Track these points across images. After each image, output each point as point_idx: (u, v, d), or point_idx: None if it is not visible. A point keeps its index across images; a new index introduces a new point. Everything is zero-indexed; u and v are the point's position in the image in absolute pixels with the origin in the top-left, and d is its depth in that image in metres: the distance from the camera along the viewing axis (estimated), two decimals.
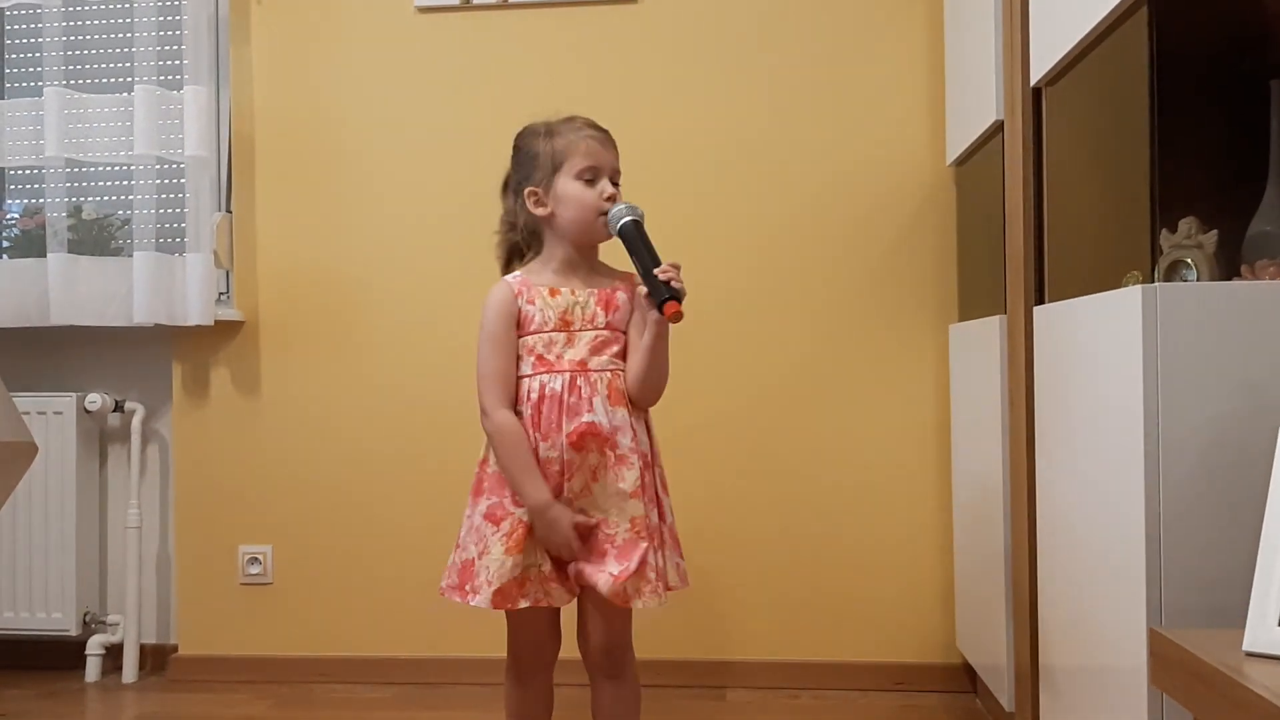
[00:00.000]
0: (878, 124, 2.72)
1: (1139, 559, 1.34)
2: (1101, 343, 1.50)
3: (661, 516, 1.83)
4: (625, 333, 1.84)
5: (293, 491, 2.85)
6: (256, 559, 2.85)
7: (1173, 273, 1.55)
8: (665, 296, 1.72)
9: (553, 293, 1.81)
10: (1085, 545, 1.59)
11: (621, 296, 1.84)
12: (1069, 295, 1.70)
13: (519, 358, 1.80)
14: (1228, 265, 1.56)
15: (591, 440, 1.75)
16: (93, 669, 2.86)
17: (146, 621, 2.92)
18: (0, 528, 2.82)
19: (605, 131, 1.87)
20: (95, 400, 2.84)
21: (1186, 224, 1.55)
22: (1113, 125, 1.79)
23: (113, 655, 2.88)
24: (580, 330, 1.80)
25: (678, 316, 1.73)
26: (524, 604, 1.75)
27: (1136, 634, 1.35)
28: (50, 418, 2.82)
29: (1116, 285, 1.57)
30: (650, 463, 1.83)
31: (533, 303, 1.81)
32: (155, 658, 2.92)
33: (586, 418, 1.75)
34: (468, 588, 1.77)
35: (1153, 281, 1.52)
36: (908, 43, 2.71)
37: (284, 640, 2.85)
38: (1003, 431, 2.08)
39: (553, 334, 1.79)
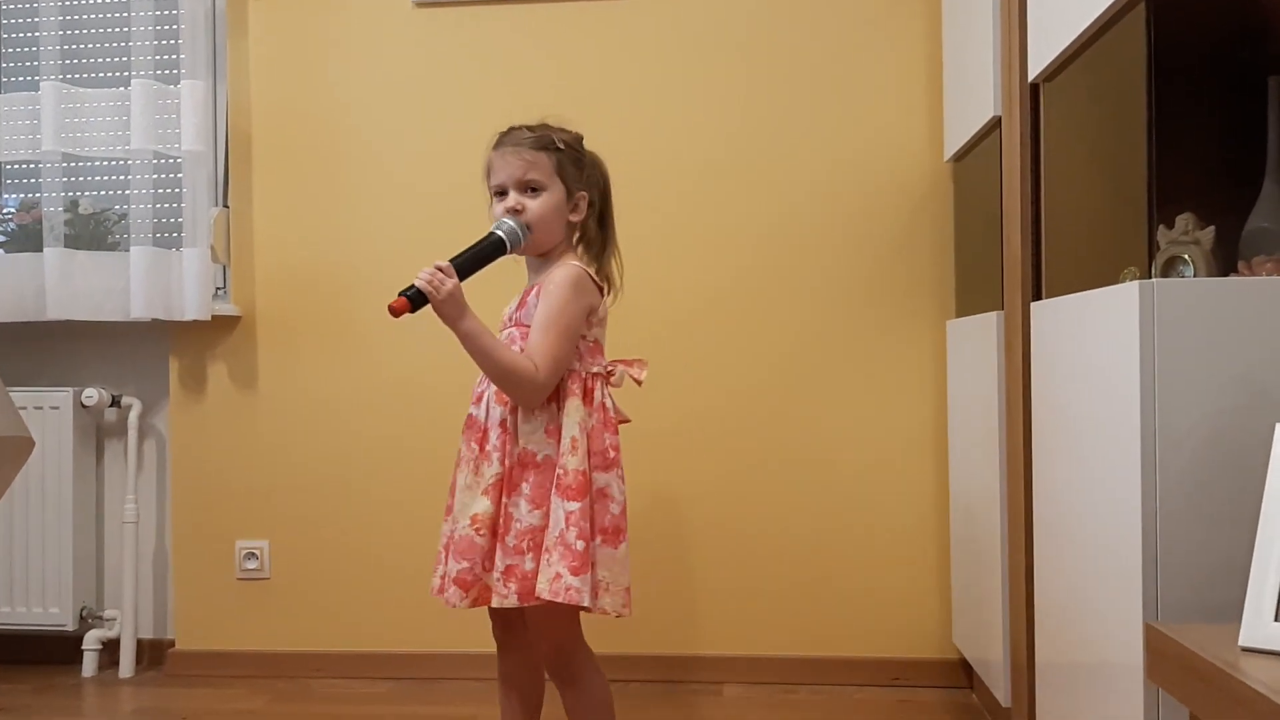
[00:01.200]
0: (875, 120, 2.72)
1: (1135, 554, 1.34)
2: (1099, 339, 1.50)
3: (548, 522, 1.76)
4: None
5: (290, 486, 2.85)
6: (254, 554, 2.85)
7: (1170, 269, 1.56)
8: (400, 292, 1.76)
9: None
10: (1082, 540, 1.59)
11: (534, 292, 1.86)
12: (1066, 291, 1.71)
13: None
14: (1225, 261, 1.56)
15: (467, 431, 1.86)
16: (90, 664, 2.86)
17: (143, 616, 2.92)
18: None
19: (516, 140, 1.86)
20: (92, 395, 2.84)
21: (1184, 220, 1.55)
22: (1110, 121, 1.79)
23: (110, 650, 2.88)
24: (504, 328, 1.89)
25: (391, 311, 1.75)
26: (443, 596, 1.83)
27: (1133, 629, 1.35)
28: (47, 413, 2.82)
29: (1114, 281, 1.57)
30: (541, 465, 1.78)
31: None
32: (152, 652, 2.92)
33: (471, 410, 1.86)
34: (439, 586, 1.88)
35: (1150, 277, 1.52)
36: (905, 38, 2.71)
37: (281, 635, 2.85)
38: (1000, 427, 2.09)
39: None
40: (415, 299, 1.74)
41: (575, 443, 1.77)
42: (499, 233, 1.81)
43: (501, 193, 1.87)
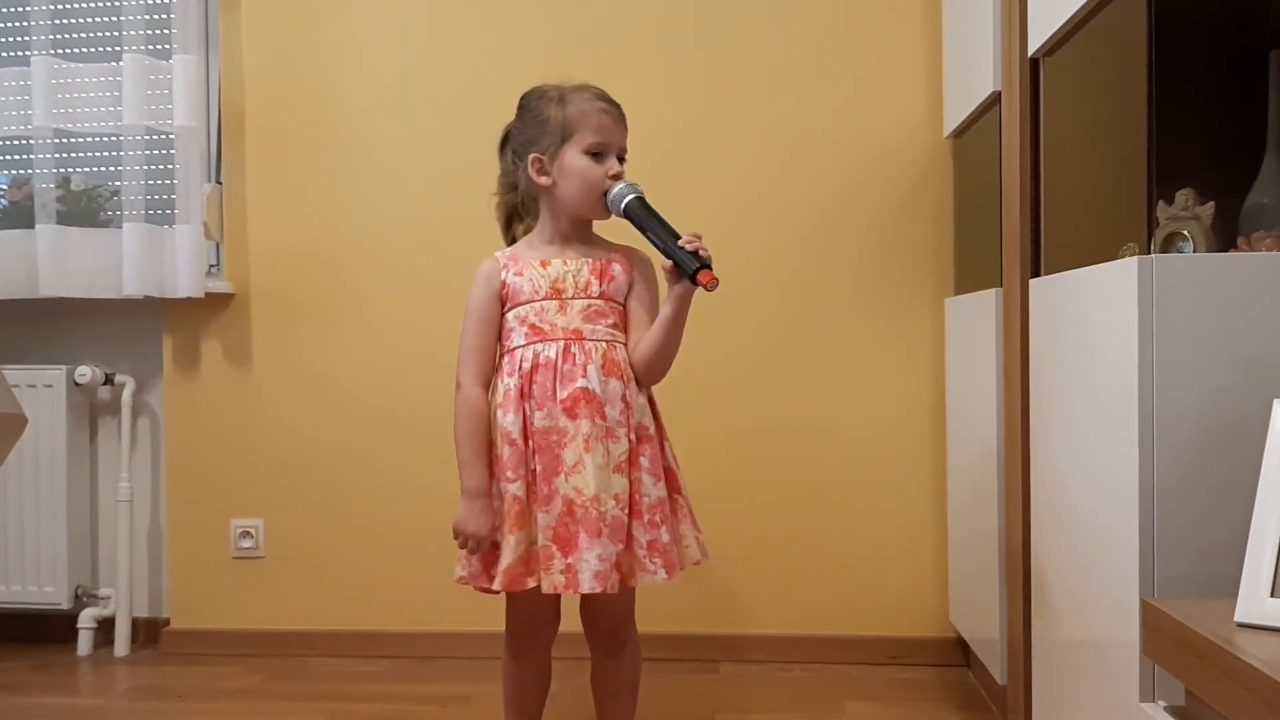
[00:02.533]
0: (874, 96, 2.70)
1: (1132, 531, 1.34)
2: (1098, 315, 1.49)
3: (676, 490, 1.82)
4: (623, 306, 1.82)
5: (284, 465, 2.84)
6: (248, 532, 2.85)
7: (1169, 244, 1.55)
8: (697, 266, 1.69)
9: (543, 264, 1.80)
10: (1079, 518, 1.58)
11: (618, 269, 1.82)
12: (1065, 268, 1.70)
13: (511, 330, 1.79)
14: (1225, 237, 1.55)
15: (584, 406, 1.72)
16: (84, 642, 2.86)
17: (138, 595, 2.92)
18: None
19: (618, 106, 1.84)
20: (85, 373, 2.83)
21: (1184, 196, 1.54)
22: (1111, 96, 1.78)
23: (104, 629, 2.88)
24: (573, 298, 1.78)
25: (714, 284, 1.70)
26: (532, 583, 1.71)
27: (1129, 606, 1.35)
28: (40, 390, 2.81)
29: (1113, 257, 1.56)
30: (653, 438, 1.79)
31: (521, 274, 1.79)
32: (147, 631, 2.92)
33: (580, 383, 1.73)
34: (471, 571, 1.77)
35: (1149, 253, 1.51)
36: (905, 13, 2.69)
37: (276, 614, 2.85)
38: (998, 404, 2.08)
39: (544, 302, 1.77)
40: (710, 266, 1.71)
41: (660, 415, 1.85)
42: (636, 194, 1.77)
43: (597, 153, 1.78)
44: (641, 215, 1.74)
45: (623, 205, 1.75)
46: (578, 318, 1.77)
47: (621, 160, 1.82)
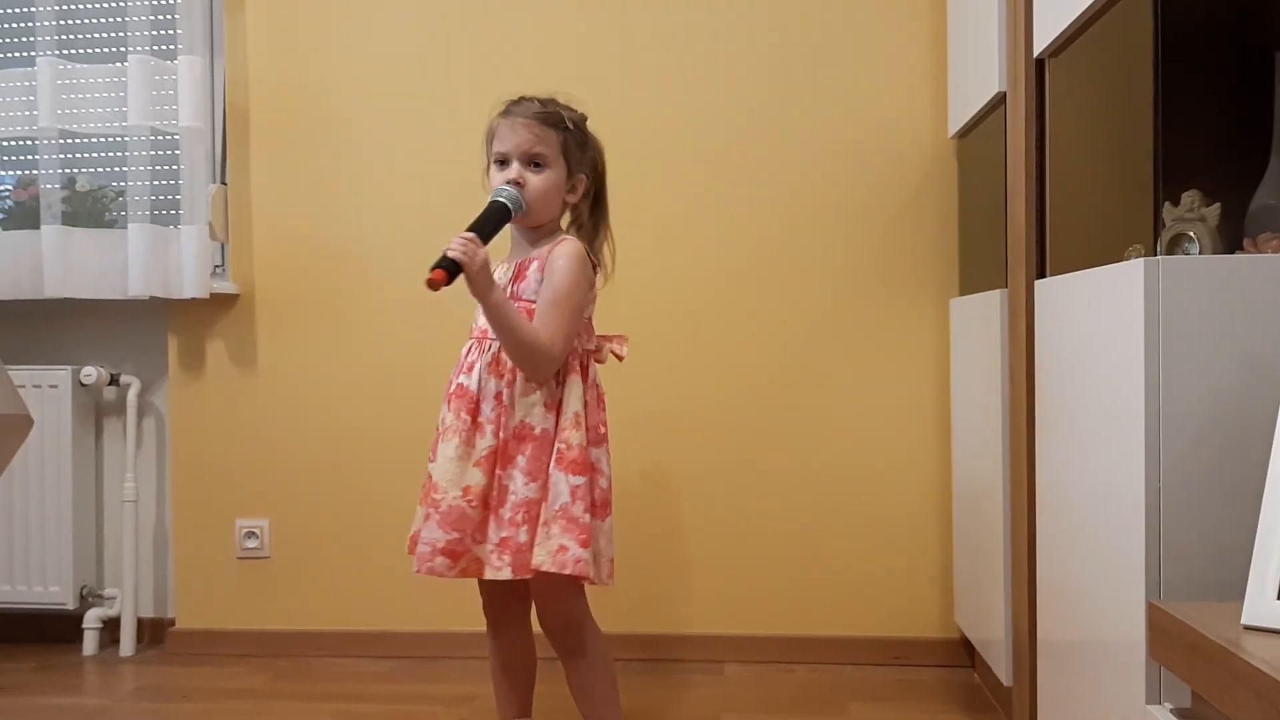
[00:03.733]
0: (879, 96, 2.70)
1: (1138, 533, 1.34)
2: (1103, 317, 1.49)
3: (545, 495, 1.77)
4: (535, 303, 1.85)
5: (289, 465, 2.84)
6: (253, 533, 2.85)
7: (1175, 246, 1.54)
8: (433, 265, 1.70)
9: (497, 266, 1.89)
10: (1084, 519, 1.58)
11: (533, 267, 1.85)
12: (1071, 269, 1.70)
13: None
14: (1230, 239, 1.55)
15: (455, 400, 1.83)
16: (90, 642, 2.86)
17: (144, 595, 2.93)
18: None
19: (534, 112, 1.85)
20: (90, 373, 2.83)
21: (1189, 197, 1.54)
22: (1116, 97, 1.78)
23: (110, 629, 2.89)
24: None
25: (432, 283, 1.69)
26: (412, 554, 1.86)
27: (1135, 608, 1.35)
28: (45, 391, 2.81)
29: (1119, 259, 1.56)
30: (539, 438, 1.79)
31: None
32: (153, 631, 2.93)
33: (460, 379, 1.84)
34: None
35: (1155, 255, 1.51)
36: (910, 13, 2.69)
37: (281, 614, 2.85)
38: (1003, 406, 2.08)
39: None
40: (451, 269, 1.70)
41: (578, 418, 1.80)
42: (502, 200, 1.81)
43: (503, 161, 1.85)
44: (485, 218, 1.80)
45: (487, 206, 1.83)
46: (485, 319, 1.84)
47: (538, 166, 1.84)
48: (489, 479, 1.79)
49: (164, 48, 2.81)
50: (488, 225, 1.79)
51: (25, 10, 2.91)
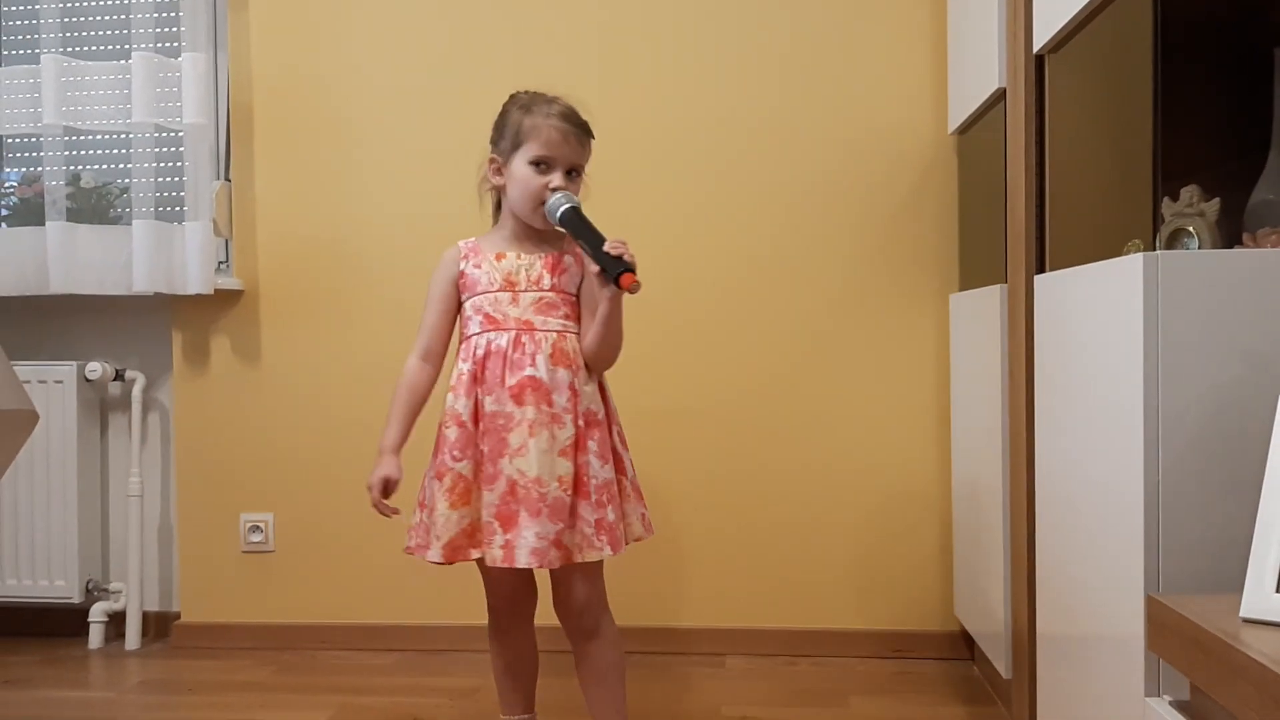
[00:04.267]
0: (879, 92, 2.71)
1: (1137, 525, 1.35)
2: (1102, 312, 1.50)
3: (621, 471, 1.89)
4: (575, 296, 1.89)
5: (294, 459, 2.85)
6: (258, 527, 2.86)
7: (1174, 241, 1.55)
8: (620, 270, 1.75)
9: (499, 257, 1.89)
10: (1084, 512, 1.59)
11: (569, 260, 1.89)
12: (1070, 264, 1.70)
13: (469, 318, 1.89)
14: (1230, 234, 1.56)
15: (530, 393, 1.81)
16: (96, 636, 2.88)
17: (149, 589, 2.94)
18: (2, 496, 2.82)
19: (579, 124, 1.88)
20: (96, 369, 2.84)
21: (1188, 192, 1.54)
22: (1115, 93, 1.78)
23: (116, 622, 2.90)
24: (524, 291, 1.86)
25: (636, 286, 1.75)
26: (475, 554, 1.83)
27: (1134, 601, 1.36)
28: (51, 386, 2.83)
29: (1118, 254, 1.57)
30: (601, 422, 1.86)
31: (479, 266, 1.89)
32: (158, 625, 2.94)
33: (528, 371, 1.81)
34: (419, 543, 1.89)
35: (1154, 250, 1.52)
36: (910, 10, 2.69)
37: (286, 607, 2.86)
38: (1002, 400, 2.09)
39: (498, 294, 1.86)
40: (634, 270, 1.77)
41: (610, 401, 1.93)
42: (572, 204, 1.83)
43: (540, 164, 1.85)
44: (574, 224, 1.81)
45: (558, 215, 1.82)
46: (529, 309, 1.85)
47: (573, 175, 1.87)
48: (575, 466, 1.82)
49: (168, 45, 2.81)
50: (593, 228, 1.82)
51: (30, 8, 2.92)
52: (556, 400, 1.81)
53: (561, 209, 1.82)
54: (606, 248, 1.76)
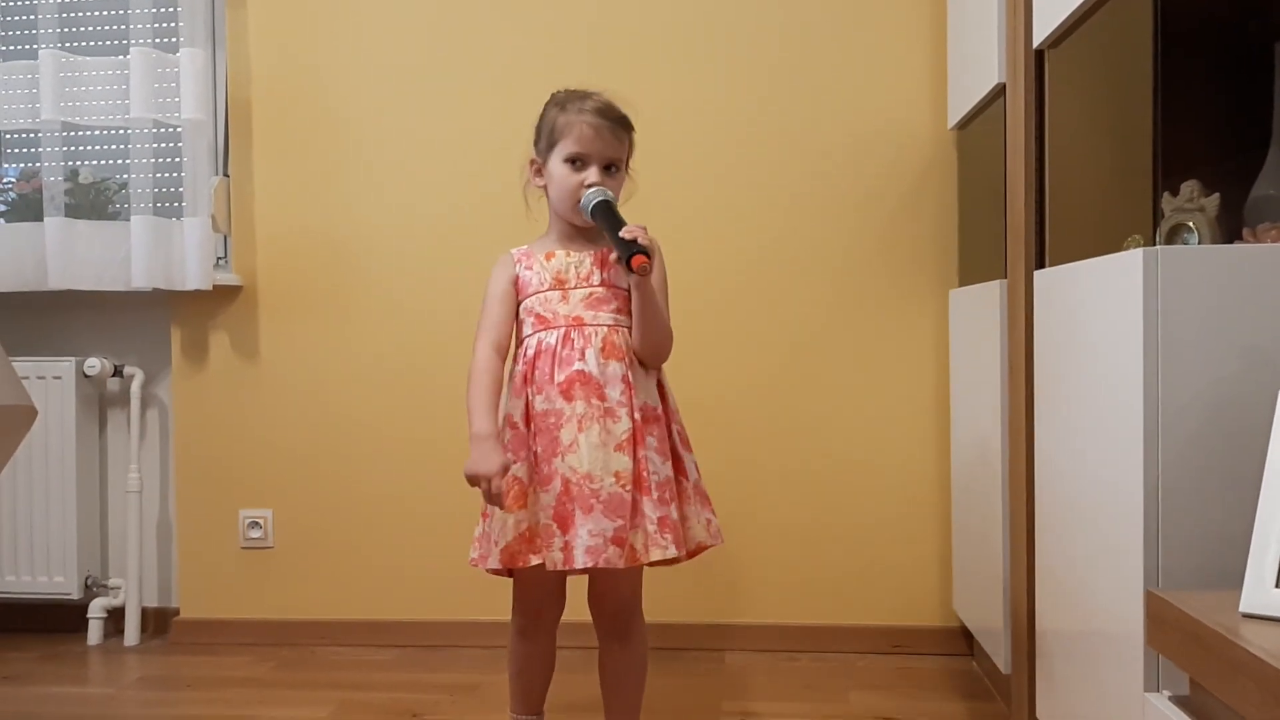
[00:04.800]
0: (878, 88, 2.70)
1: (1136, 521, 1.35)
2: (1102, 307, 1.50)
3: (682, 473, 1.85)
4: (629, 291, 1.85)
5: (293, 456, 2.85)
6: (257, 523, 2.86)
7: (1174, 236, 1.55)
8: (630, 252, 1.72)
9: (548, 256, 1.86)
10: (1083, 508, 1.59)
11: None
12: (1070, 259, 1.70)
13: (523, 322, 1.85)
14: (1230, 229, 1.56)
15: (580, 388, 1.77)
16: (95, 632, 2.88)
17: (148, 585, 2.94)
18: (1, 492, 2.82)
19: (614, 117, 1.85)
20: (94, 365, 2.84)
21: (1189, 187, 1.54)
22: (1115, 88, 1.78)
23: (115, 618, 2.90)
24: (575, 288, 1.83)
25: (645, 268, 1.72)
26: (535, 560, 1.75)
27: (1133, 596, 1.36)
28: (49, 382, 2.82)
29: (1118, 249, 1.57)
30: (660, 418, 1.83)
31: (531, 268, 1.85)
32: (157, 621, 2.94)
33: (577, 366, 1.78)
34: (482, 553, 1.81)
35: (1154, 245, 1.51)
36: (909, 5, 2.69)
37: (285, 604, 2.86)
38: (1002, 396, 2.09)
39: (548, 293, 1.83)
40: (648, 253, 1.74)
41: (670, 398, 1.89)
42: (603, 197, 1.80)
43: (576, 161, 1.83)
44: (601, 216, 1.79)
45: (589, 209, 1.80)
46: (579, 305, 1.82)
47: (612, 170, 1.85)
48: (635, 462, 1.77)
49: (166, 40, 2.81)
50: (617, 215, 1.80)
51: (28, 3, 2.92)
52: (609, 394, 1.77)
53: (593, 202, 1.79)
54: (622, 232, 1.74)
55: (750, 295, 2.73)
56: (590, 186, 1.80)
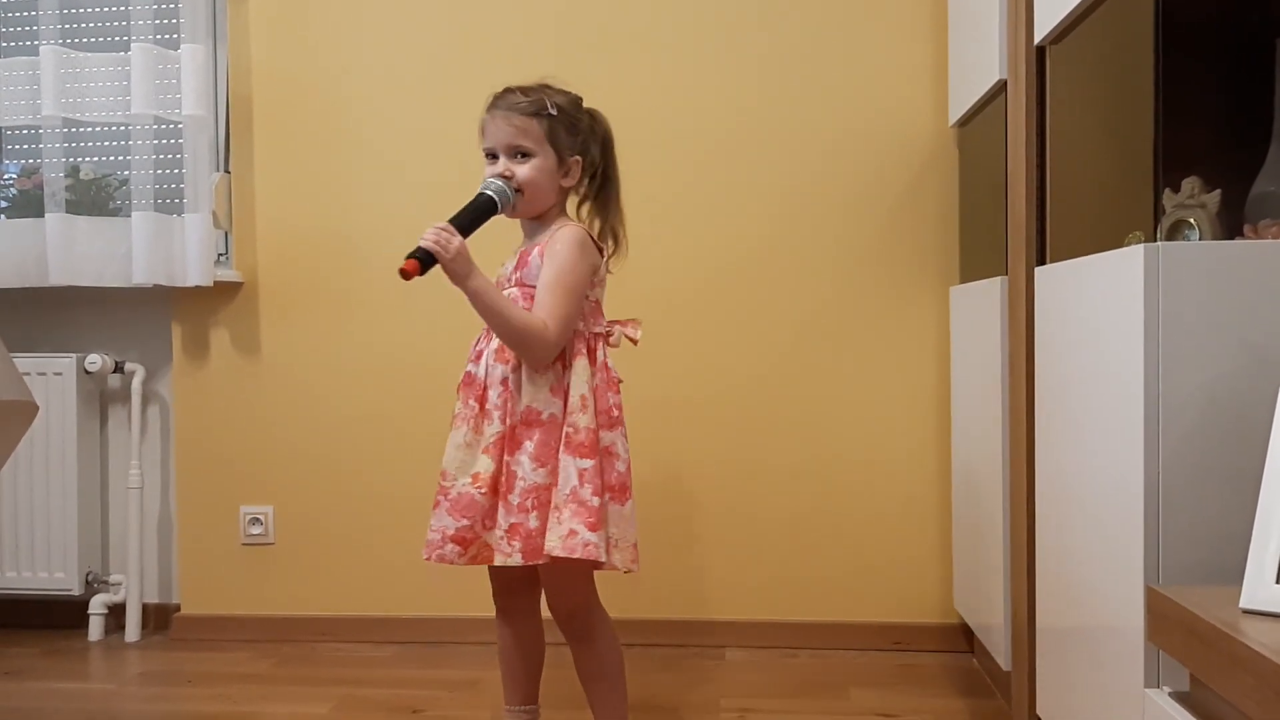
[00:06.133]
0: (879, 84, 2.70)
1: (1137, 517, 1.35)
2: (1103, 303, 1.50)
3: (555, 480, 1.77)
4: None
5: (293, 452, 2.85)
6: (258, 519, 2.87)
7: (1175, 232, 1.55)
8: (408, 255, 1.73)
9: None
10: (1083, 504, 1.59)
11: (535, 253, 1.85)
12: (1071, 256, 1.70)
13: None
14: (1231, 225, 1.56)
15: (465, 389, 1.86)
16: (96, 628, 2.88)
17: (149, 581, 2.94)
18: (1, 488, 2.83)
19: (509, 104, 1.85)
20: (95, 361, 2.84)
21: (1189, 183, 1.54)
22: (1117, 84, 1.78)
23: (115, 614, 2.90)
24: (506, 288, 1.86)
25: (405, 274, 1.72)
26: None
27: (1134, 592, 1.36)
28: (50, 378, 2.83)
29: (1119, 245, 1.57)
30: (546, 423, 1.78)
31: (503, 264, 1.94)
32: (158, 617, 2.94)
33: (468, 367, 1.86)
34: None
35: (1155, 241, 1.51)
36: (910, 2, 2.68)
37: (285, 600, 2.86)
38: (1002, 392, 2.09)
39: None
40: (425, 259, 1.72)
41: (585, 401, 1.79)
42: (488, 192, 1.82)
43: (492, 155, 1.87)
44: (470, 206, 1.82)
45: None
46: None
47: (521, 157, 1.84)
48: (498, 465, 1.78)
49: (167, 36, 2.81)
50: (469, 216, 1.80)
51: None
52: (490, 395, 1.81)
53: (477, 193, 1.84)
54: (424, 236, 1.75)
55: (751, 292, 2.73)
56: (495, 177, 1.84)
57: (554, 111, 1.85)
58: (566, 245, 1.82)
